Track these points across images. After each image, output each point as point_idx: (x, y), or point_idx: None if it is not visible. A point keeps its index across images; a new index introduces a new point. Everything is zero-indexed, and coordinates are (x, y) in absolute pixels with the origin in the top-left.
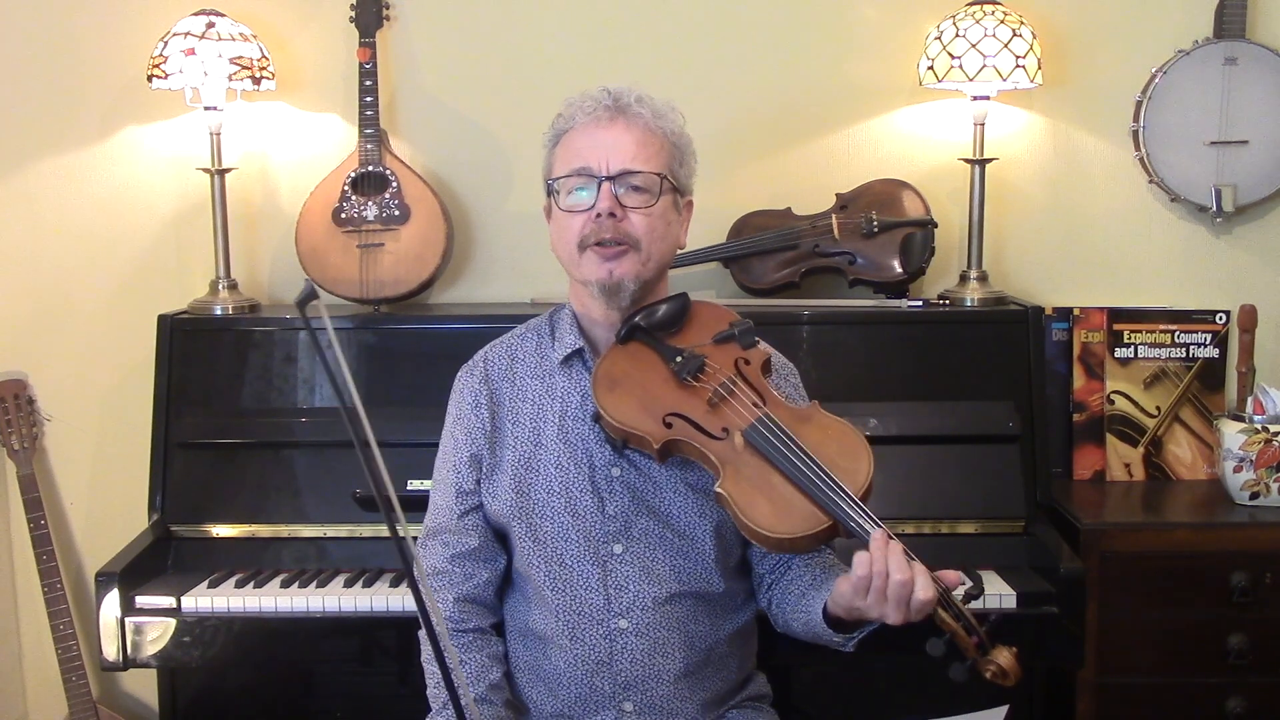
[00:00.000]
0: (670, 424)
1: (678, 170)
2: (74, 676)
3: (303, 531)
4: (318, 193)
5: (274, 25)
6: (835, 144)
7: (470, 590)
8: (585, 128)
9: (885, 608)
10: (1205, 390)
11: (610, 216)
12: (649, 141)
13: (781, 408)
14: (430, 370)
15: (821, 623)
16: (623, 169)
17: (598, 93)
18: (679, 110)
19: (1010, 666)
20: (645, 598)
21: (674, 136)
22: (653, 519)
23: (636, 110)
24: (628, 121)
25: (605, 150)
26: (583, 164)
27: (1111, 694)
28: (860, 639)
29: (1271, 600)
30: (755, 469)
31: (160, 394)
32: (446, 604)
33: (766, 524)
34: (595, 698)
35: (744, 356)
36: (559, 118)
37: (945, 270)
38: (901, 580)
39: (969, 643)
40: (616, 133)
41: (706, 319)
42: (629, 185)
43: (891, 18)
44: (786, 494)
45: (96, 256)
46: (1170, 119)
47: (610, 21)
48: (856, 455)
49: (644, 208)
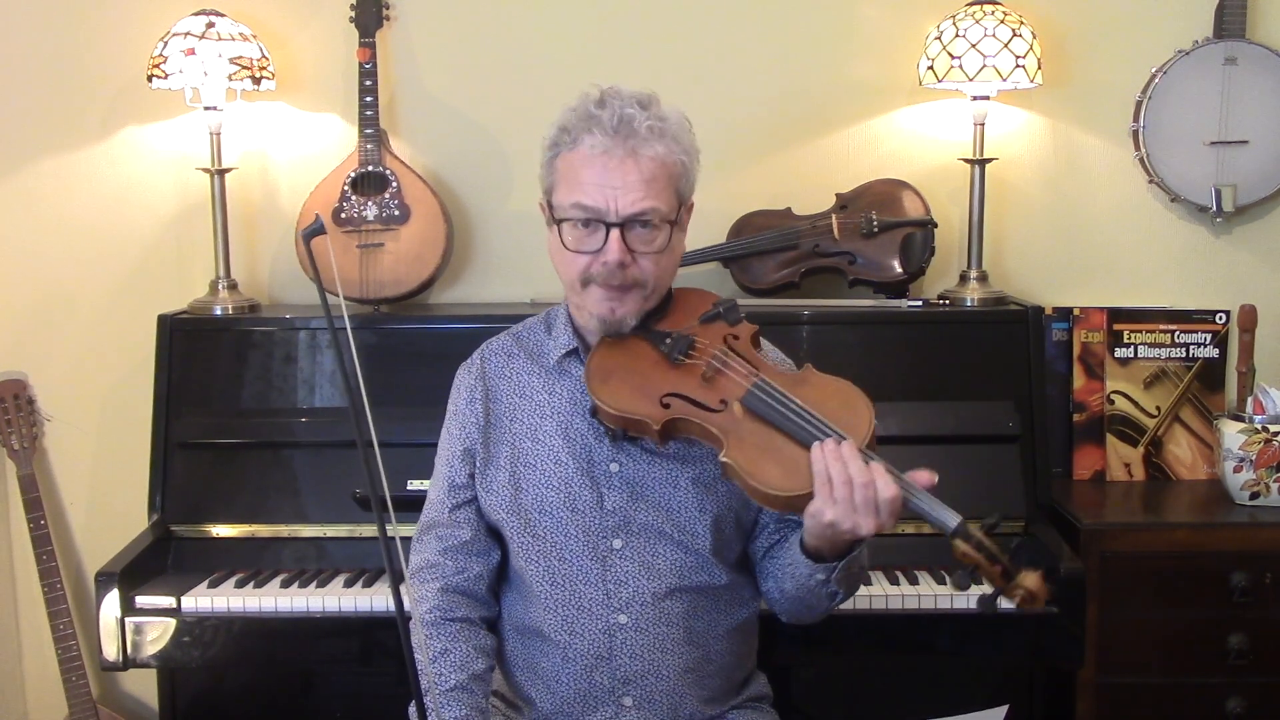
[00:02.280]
0: (668, 404)
1: (686, 190)
2: (74, 676)
3: (303, 531)
4: (317, 193)
5: (274, 25)
6: (835, 144)
7: (460, 582)
8: (591, 159)
9: (856, 516)
10: (1205, 390)
11: (620, 266)
12: (659, 175)
13: (776, 374)
14: (430, 370)
15: (803, 559)
16: (633, 213)
17: (603, 110)
18: (684, 115)
19: (1038, 588)
20: (645, 592)
21: (685, 157)
22: (652, 513)
23: (646, 140)
24: (638, 158)
25: (614, 192)
26: (589, 203)
27: (1111, 694)
28: (842, 571)
29: (1271, 600)
30: (758, 434)
31: (160, 394)
32: (434, 594)
33: (776, 484)
34: (595, 693)
35: (732, 332)
36: (562, 131)
37: (945, 270)
38: (863, 482)
39: (994, 572)
40: (626, 171)
41: (691, 302)
42: (637, 226)
43: (891, 18)
44: (792, 453)
45: (96, 256)
46: (1170, 119)
47: (610, 21)
48: (856, 407)
49: (654, 251)
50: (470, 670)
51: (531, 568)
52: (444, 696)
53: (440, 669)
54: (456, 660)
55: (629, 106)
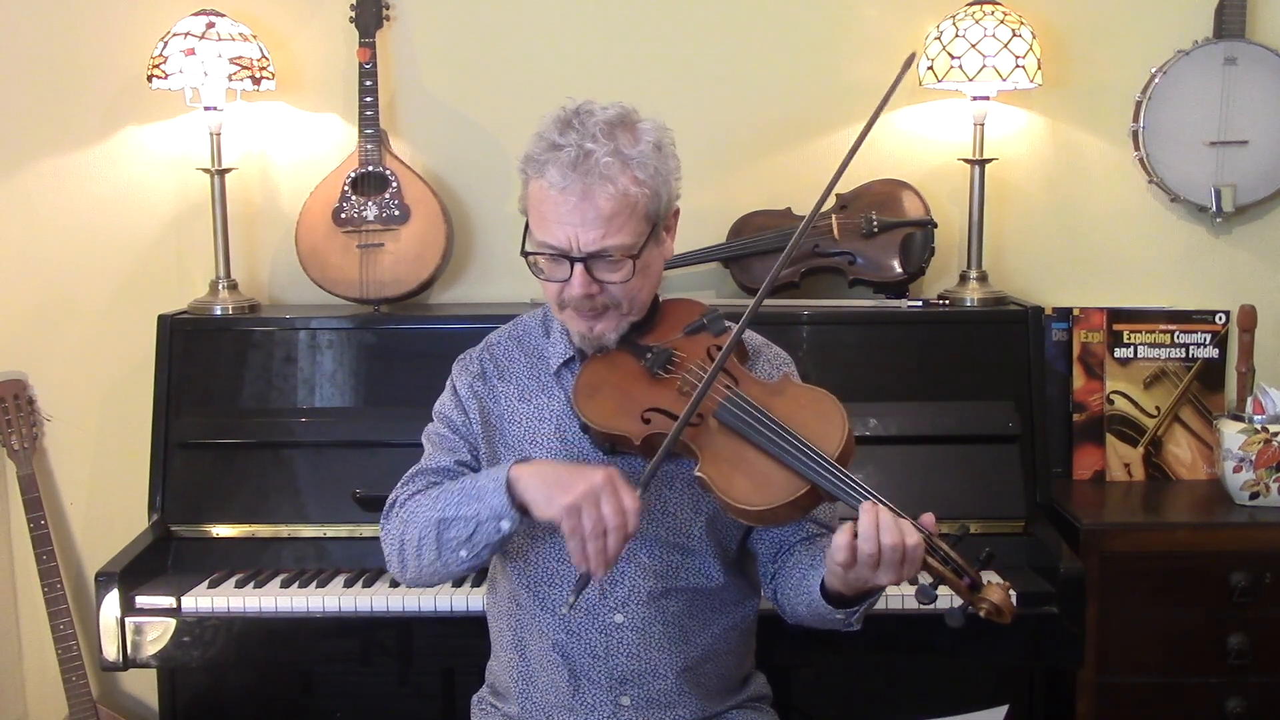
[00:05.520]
0: (649, 419)
1: (659, 210)
2: (74, 676)
3: (303, 531)
4: (318, 193)
5: (274, 25)
6: (835, 144)
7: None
8: (550, 195)
9: (879, 571)
10: (1205, 390)
11: (587, 297)
12: (619, 211)
13: (753, 385)
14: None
15: (821, 600)
16: (593, 250)
17: (567, 139)
18: (660, 127)
19: (1003, 602)
20: (640, 592)
21: (652, 182)
22: (646, 516)
23: (604, 178)
24: (593, 198)
25: (574, 230)
26: (553, 241)
27: (1111, 694)
28: (863, 613)
29: (1271, 600)
30: (730, 447)
31: (160, 394)
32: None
33: (745, 498)
34: (592, 692)
35: (716, 344)
36: (528, 159)
37: (945, 270)
38: (892, 544)
39: (960, 585)
40: (584, 210)
41: (678, 314)
42: (602, 259)
43: (891, 18)
44: (763, 466)
45: (96, 256)
46: (1170, 119)
47: (610, 22)
48: (830, 420)
49: (620, 281)
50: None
51: (530, 567)
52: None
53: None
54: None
55: (589, 140)
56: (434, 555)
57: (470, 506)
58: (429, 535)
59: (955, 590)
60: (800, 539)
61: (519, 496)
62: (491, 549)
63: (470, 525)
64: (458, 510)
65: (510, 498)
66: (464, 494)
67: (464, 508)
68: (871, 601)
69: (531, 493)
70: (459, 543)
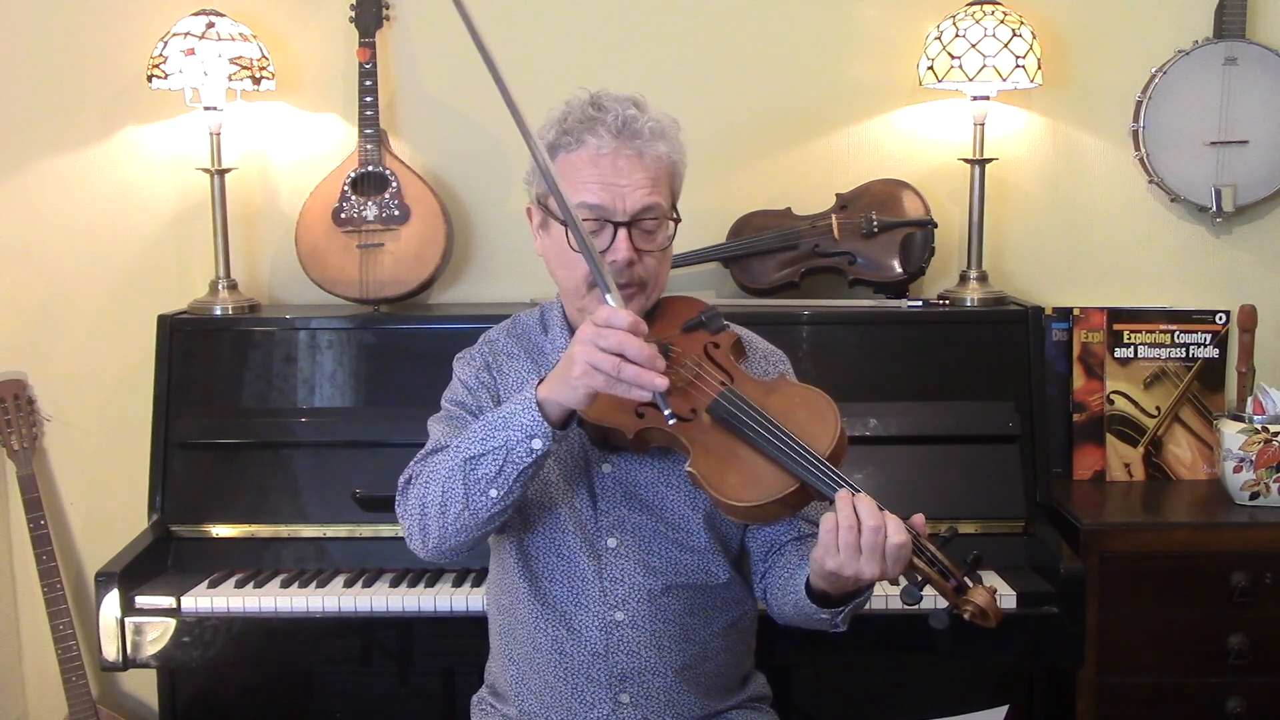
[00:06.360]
0: (642, 414)
1: (679, 189)
2: (74, 676)
3: (303, 531)
4: (318, 193)
5: (274, 25)
6: (835, 144)
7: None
8: (597, 158)
9: (860, 561)
10: (1205, 390)
11: (628, 265)
12: (660, 174)
13: (748, 383)
14: (430, 370)
15: (806, 599)
16: (639, 208)
17: (603, 112)
18: (674, 118)
19: (988, 605)
20: (641, 590)
21: (679, 156)
22: (645, 513)
23: (650, 140)
24: (642, 156)
25: (620, 190)
26: (595, 201)
27: (1111, 694)
28: (848, 614)
29: (1271, 600)
30: (723, 444)
31: (160, 394)
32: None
33: (734, 494)
34: (591, 690)
35: (713, 341)
36: (563, 134)
37: (945, 270)
38: (874, 526)
39: (946, 587)
40: (632, 169)
41: (676, 310)
42: (642, 228)
43: (891, 18)
44: (754, 463)
45: (96, 256)
46: (1170, 119)
47: (610, 22)
48: (823, 419)
49: (657, 249)
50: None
51: (530, 565)
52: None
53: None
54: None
55: (628, 108)
56: (461, 505)
57: (497, 436)
58: (454, 483)
59: (941, 592)
60: (791, 538)
61: (550, 409)
62: (523, 483)
63: (500, 456)
64: (484, 445)
65: (542, 414)
66: (487, 427)
67: (490, 440)
68: (859, 603)
69: (555, 394)
70: (489, 480)
